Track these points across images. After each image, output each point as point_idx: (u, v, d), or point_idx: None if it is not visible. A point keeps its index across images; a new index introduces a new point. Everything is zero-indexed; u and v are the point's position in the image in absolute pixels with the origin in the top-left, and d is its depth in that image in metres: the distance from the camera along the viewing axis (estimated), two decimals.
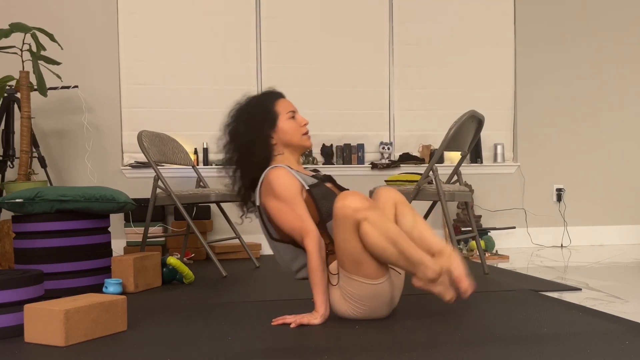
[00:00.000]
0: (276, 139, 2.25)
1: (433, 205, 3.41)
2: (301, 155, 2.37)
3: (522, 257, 4.18)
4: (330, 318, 2.10)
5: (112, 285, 2.70)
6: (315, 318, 2.04)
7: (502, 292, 2.66)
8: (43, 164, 3.93)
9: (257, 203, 2.19)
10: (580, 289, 2.80)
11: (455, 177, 3.37)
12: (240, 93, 2.49)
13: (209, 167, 4.45)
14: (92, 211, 2.82)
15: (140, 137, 3.39)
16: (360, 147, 4.68)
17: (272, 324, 2.07)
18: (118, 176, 4.43)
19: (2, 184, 3.73)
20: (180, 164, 3.82)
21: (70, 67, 4.29)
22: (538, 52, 4.94)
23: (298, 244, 2.14)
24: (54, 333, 1.84)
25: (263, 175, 2.17)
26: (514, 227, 4.72)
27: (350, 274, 2.01)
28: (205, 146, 4.47)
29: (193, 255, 4.10)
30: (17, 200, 2.71)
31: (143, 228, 3.77)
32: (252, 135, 2.22)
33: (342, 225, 1.95)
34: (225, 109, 2.36)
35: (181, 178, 4.45)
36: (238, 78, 4.61)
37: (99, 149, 4.42)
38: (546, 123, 4.95)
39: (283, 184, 2.09)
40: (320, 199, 2.13)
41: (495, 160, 4.84)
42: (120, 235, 4.36)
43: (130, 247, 4.06)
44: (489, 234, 4.42)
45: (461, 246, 4.19)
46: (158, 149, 3.55)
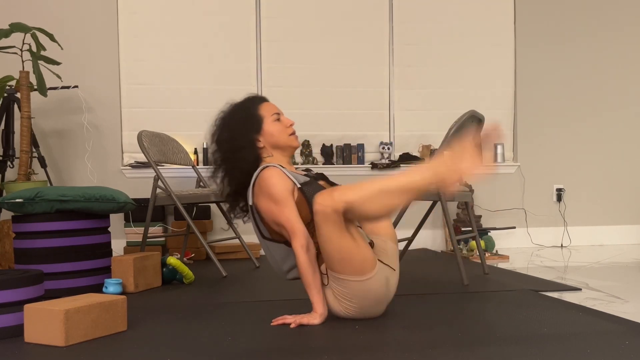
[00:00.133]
0: (264, 142, 2.26)
1: (433, 205, 3.41)
2: (292, 156, 2.38)
3: (522, 257, 4.18)
4: (329, 318, 2.10)
5: (112, 285, 2.70)
6: (314, 318, 2.05)
7: (502, 292, 2.66)
8: (43, 164, 3.93)
9: (250, 202, 2.19)
10: (580, 289, 2.80)
11: None
12: (241, 93, 2.49)
13: (209, 167, 4.44)
14: (92, 211, 2.82)
15: (140, 137, 3.39)
16: (360, 147, 4.67)
17: (272, 324, 2.07)
18: (118, 176, 4.43)
19: (2, 184, 3.73)
20: (180, 164, 3.82)
21: (70, 67, 4.29)
22: (538, 52, 4.94)
23: (289, 243, 2.15)
24: (54, 333, 1.84)
25: (255, 174, 2.18)
26: (514, 227, 4.73)
27: (338, 274, 2.02)
28: (205, 146, 4.47)
29: (193, 255, 4.10)
30: (17, 200, 2.71)
31: (143, 228, 3.77)
32: (238, 141, 2.24)
33: (324, 224, 1.93)
34: None
35: (181, 178, 4.45)
36: (238, 78, 4.61)
37: (99, 149, 4.42)
38: (546, 123, 4.95)
39: (274, 184, 2.10)
40: (312, 197, 2.12)
41: (495, 160, 4.84)
42: (120, 235, 4.35)
43: (130, 247, 4.06)
44: (489, 234, 4.42)
45: (461, 246, 4.19)
46: (158, 149, 3.55)
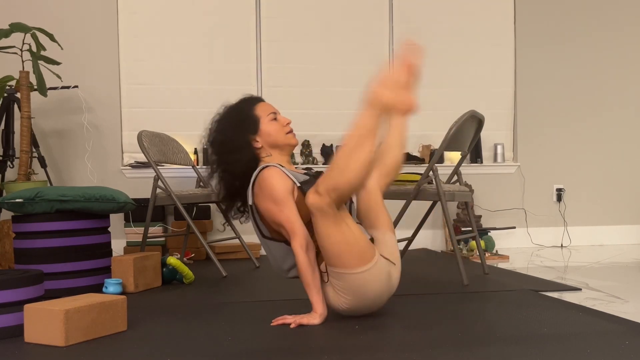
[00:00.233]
0: (261, 142, 2.26)
1: (433, 205, 3.41)
2: (291, 154, 2.38)
3: (522, 257, 4.18)
4: (329, 318, 2.10)
5: (112, 285, 2.70)
6: (314, 318, 2.05)
7: (502, 292, 2.66)
8: (43, 164, 3.93)
9: (250, 202, 2.19)
10: (580, 289, 2.80)
11: (455, 177, 3.37)
12: (241, 93, 2.49)
13: (208, 167, 4.44)
14: (92, 211, 2.82)
15: (140, 137, 3.39)
16: None
17: (272, 324, 2.07)
18: (118, 176, 4.43)
19: (2, 184, 3.73)
20: (180, 164, 3.82)
21: (70, 67, 4.29)
22: (538, 52, 4.94)
23: (289, 242, 2.15)
24: (54, 333, 1.84)
25: (255, 174, 2.17)
26: (514, 227, 4.73)
27: (337, 268, 2.02)
28: (205, 146, 4.46)
29: (193, 255, 4.10)
30: (17, 200, 2.71)
31: (143, 228, 3.77)
32: (234, 142, 2.24)
33: (321, 220, 1.95)
34: None
35: (181, 178, 4.44)
36: (238, 78, 4.61)
37: (99, 149, 4.42)
38: (546, 123, 4.95)
39: (274, 184, 2.10)
40: None
41: (495, 160, 4.84)
42: (120, 235, 4.35)
43: (130, 247, 4.06)
44: (489, 234, 4.42)
45: (461, 246, 4.19)
46: (158, 149, 3.55)
